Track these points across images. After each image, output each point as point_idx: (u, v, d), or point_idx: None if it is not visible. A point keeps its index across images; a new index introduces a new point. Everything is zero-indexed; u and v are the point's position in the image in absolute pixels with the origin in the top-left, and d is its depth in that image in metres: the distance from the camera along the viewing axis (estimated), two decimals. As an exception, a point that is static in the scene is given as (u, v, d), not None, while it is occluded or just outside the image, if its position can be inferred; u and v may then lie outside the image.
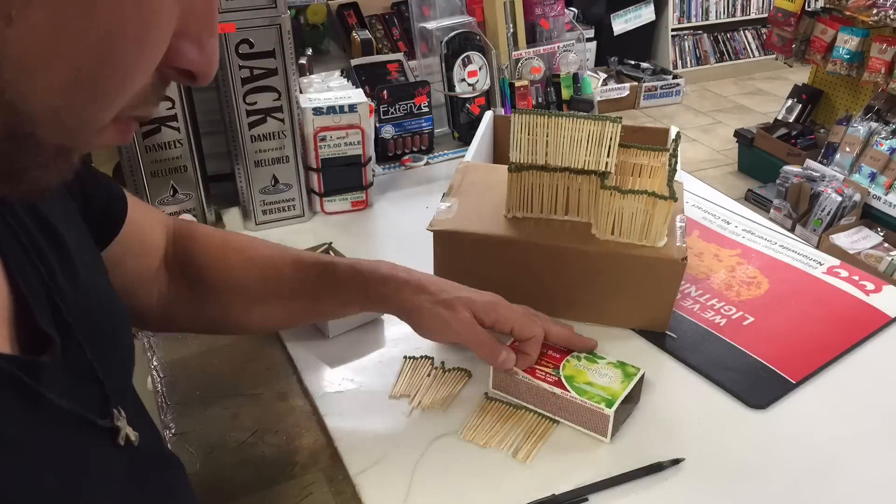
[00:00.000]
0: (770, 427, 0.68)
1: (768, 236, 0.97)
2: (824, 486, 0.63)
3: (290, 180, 1.00)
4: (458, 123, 1.24)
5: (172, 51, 0.34)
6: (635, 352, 0.76)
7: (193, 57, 0.35)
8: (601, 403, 0.64)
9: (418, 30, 1.25)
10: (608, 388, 0.66)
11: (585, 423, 0.66)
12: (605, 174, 0.75)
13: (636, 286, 0.77)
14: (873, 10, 2.69)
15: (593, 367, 0.68)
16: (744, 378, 0.73)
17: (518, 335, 0.68)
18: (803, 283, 0.88)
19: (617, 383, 0.66)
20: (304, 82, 1.09)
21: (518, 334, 0.68)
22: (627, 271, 0.76)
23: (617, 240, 0.76)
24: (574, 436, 0.67)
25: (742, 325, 0.80)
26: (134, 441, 0.44)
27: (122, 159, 0.95)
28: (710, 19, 4.63)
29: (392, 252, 0.78)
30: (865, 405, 0.71)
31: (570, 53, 1.30)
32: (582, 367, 0.68)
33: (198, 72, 0.36)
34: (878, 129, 2.83)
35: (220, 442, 0.68)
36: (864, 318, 0.81)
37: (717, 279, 0.88)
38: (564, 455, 0.65)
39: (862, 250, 2.64)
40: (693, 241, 0.96)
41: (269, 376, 0.76)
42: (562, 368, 0.68)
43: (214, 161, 1.04)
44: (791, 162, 3.07)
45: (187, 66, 0.35)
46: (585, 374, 0.67)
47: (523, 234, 0.78)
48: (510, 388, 0.69)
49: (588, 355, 0.70)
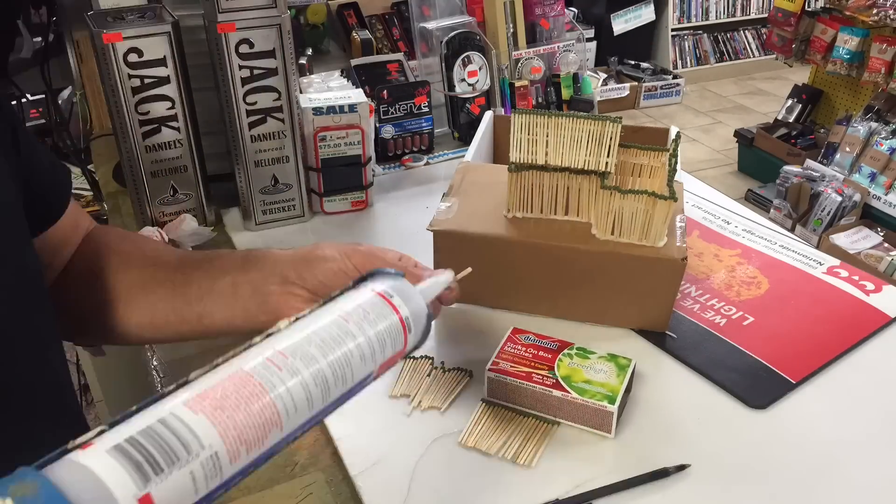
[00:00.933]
0: (770, 427, 0.68)
1: (768, 236, 0.97)
2: (823, 486, 0.63)
3: (290, 180, 1.00)
4: (458, 123, 1.24)
5: None
6: (635, 352, 0.76)
7: None
8: (603, 401, 0.64)
9: (418, 30, 1.25)
10: (606, 384, 0.66)
11: (588, 421, 0.66)
12: (605, 174, 0.75)
13: (636, 286, 0.77)
14: (873, 10, 2.69)
15: (587, 364, 0.68)
16: (744, 378, 0.73)
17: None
18: (803, 283, 0.88)
19: (613, 377, 0.67)
20: (305, 82, 1.09)
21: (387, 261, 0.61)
22: (627, 271, 0.76)
23: (617, 240, 0.76)
24: (575, 434, 0.67)
25: (742, 325, 0.80)
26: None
27: (122, 159, 0.95)
28: (710, 19, 4.64)
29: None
30: (865, 405, 0.71)
31: (570, 53, 1.30)
32: (576, 365, 0.68)
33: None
34: (878, 129, 2.83)
35: (220, 442, 0.68)
36: (865, 318, 0.81)
37: (717, 279, 0.88)
38: (566, 455, 0.65)
39: (862, 250, 2.64)
40: (693, 241, 0.96)
41: (269, 376, 0.76)
42: (556, 369, 0.68)
43: (214, 161, 1.04)
44: (791, 162, 3.07)
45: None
46: (581, 371, 0.67)
47: (523, 234, 0.78)
48: (507, 393, 0.69)
49: (579, 350, 0.70)
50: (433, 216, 0.80)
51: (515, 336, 0.72)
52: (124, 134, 0.92)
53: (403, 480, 0.62)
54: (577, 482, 0.61)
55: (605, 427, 0.66)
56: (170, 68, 0.90)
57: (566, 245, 0.76)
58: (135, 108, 0.91)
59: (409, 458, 0.64)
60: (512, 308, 0.81)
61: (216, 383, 0.37)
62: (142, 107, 0.91)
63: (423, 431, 0.67)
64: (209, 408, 0.35)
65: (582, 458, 0.65)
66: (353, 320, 0.44)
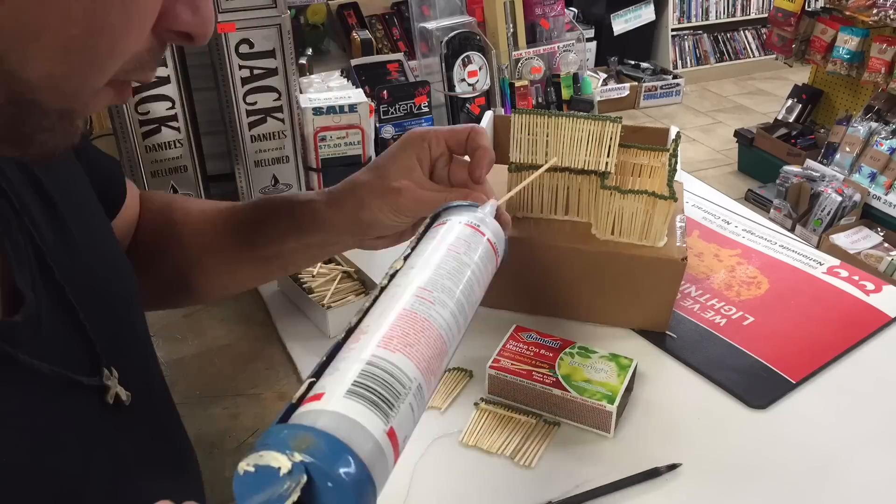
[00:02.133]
0: (769, 427, 0.68)
1: (768, 236, 0.97)
2: (823, 485, 0.63)
3: (290, 180, 1.00)
4: (458, 123, 1.24)
5: (168, 14, 0.35)
6: (635, 352, 0.76)
7: (188, 19, 0.36)
8: (602, 400, 0.64)
9: (418, 30, 1.25)
10: (606, 384, 0.66)
11: (587, 420, 0.66)
12: (605, 174, 0.75)
13: (636, 286, 0.77)
14: (873, 10, 2.69)
15: (588, 363, 0.68)
16: (744, 378, 0.73)
17: (455, 142, 0.60)
18: (803, 283, 0.88)
19: (613, 377, 0.67)
20: (304, 82, 1.09)
21: (455, 141, 0.60)
22: (627, 271, 0.76)
23: (617, 240, 0.76)
24: (575, 433, 0.67)
25: (742, 324, 0.80)
26: (125, 400, 0.45)
27: (122, 159, 0.95)
28: (710, 19, 4.63)
29: (393, 251, 0.78)
30: (865, 405, 0.71)
31: (570, 53, 1.30)
32: (577, 364, 0.68)
33: (194, 33, 0.37)
34: (878, 129, 2.83)
35: (220, 442, 0.68)
36: (865, 318, 0.81)
37: (717, 279, 0.88)
38: (566, 454, 0.65)
39: (862, 250, 2.64)
40: (693, 241, 0.96)
41: (270, 376, 0.76)
42: (557, 367, 0.68)
43: (214, 161, 1.04)
44: (791, 162, 3.07)
45: (183, 29, 0.36)
46: (581, 371, 0.67)
47: (524, 233, 0.78)
48: (507, 391, 0.69)
49: (580, 349, 0.70)
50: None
51: (518, 334, 0.72)
52: (124, 134, 0.92)
53: (403, 480, 0.62)
54: (577, 482, 0.61)
55: (604, 427, 0.66)
56: (170, 68, 0.90)
57: (566, 245, 0.76)
58: (135, 108, 0.91)
59: (409, 458, 0.64)
60: (512, 308, 0.81)
61: (390, 324, 0.39)
62: (142, 107, 0.91)
63: (423, 431, 0.67)
64: (401, 345, 0.38)
65: (581, 457, 0.65)
66: (462, 250, 0.47)
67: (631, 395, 0.70)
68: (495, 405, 0.69)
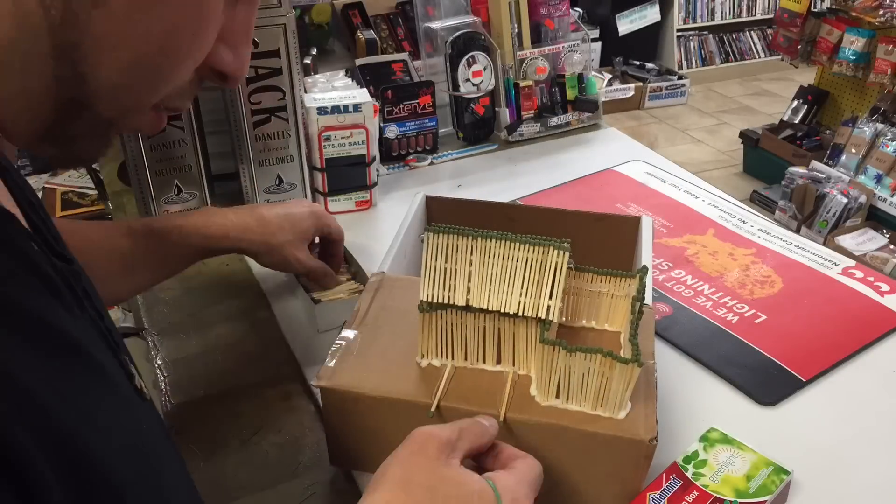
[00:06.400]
0: (778, 424, 0.68)
1: (784, 236, 0.96)
2: (830, 483, 0.62)
3: (294, 180, 1.00)
4: (462, 124, 1.23)
5: (213, 54, 0.39)
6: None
7: (229, 60, 0.41)
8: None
9: (423, 30, 1.24)
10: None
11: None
12: (545, 322, 0.56)
13: (588, 469, 0.56)
14: (879, 11, 2.68)
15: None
16: (754, 375, 0.72)
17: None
18: (818, 283, 0.87)
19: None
20: (309, 82, 1.09)
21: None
22: (576, 450, 0.56)
23: (563, 406, 0.56)
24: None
25: (754, 322, 0.80)
26: (145, 391, 0.45)
27: (126, 158, 0.94)
28: (715, 20, 4.62)
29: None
30: (875, 405, 0.70)
31: (575, 54, 1.30)
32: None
33: (230, 74, 0.41)
34: (883, 130, 2.81)
35: (223, 441, 0.67)
36: (878, 319, 0.81)
37: (731, 277, 0.87)
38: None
39: (867, 252, 2.63)
40: (708, 240, 0.95)
41: (273, 375, 0.75)
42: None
43: (219, 160, 1.04)
44: (796, 163, 3.05)
45: (223, 69, 0.41)
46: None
47: (437, 393, 0.57)
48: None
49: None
50: (324, 362, 0.59)
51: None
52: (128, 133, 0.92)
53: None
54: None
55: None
56: (174, 67, 0.90)
57: (492, 412, 0.55)
58: (139, 107, 0.90)
59: (414, 457, 0.63)
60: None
61: None
62: (146, 106, 0.91)
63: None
64: None
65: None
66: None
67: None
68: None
